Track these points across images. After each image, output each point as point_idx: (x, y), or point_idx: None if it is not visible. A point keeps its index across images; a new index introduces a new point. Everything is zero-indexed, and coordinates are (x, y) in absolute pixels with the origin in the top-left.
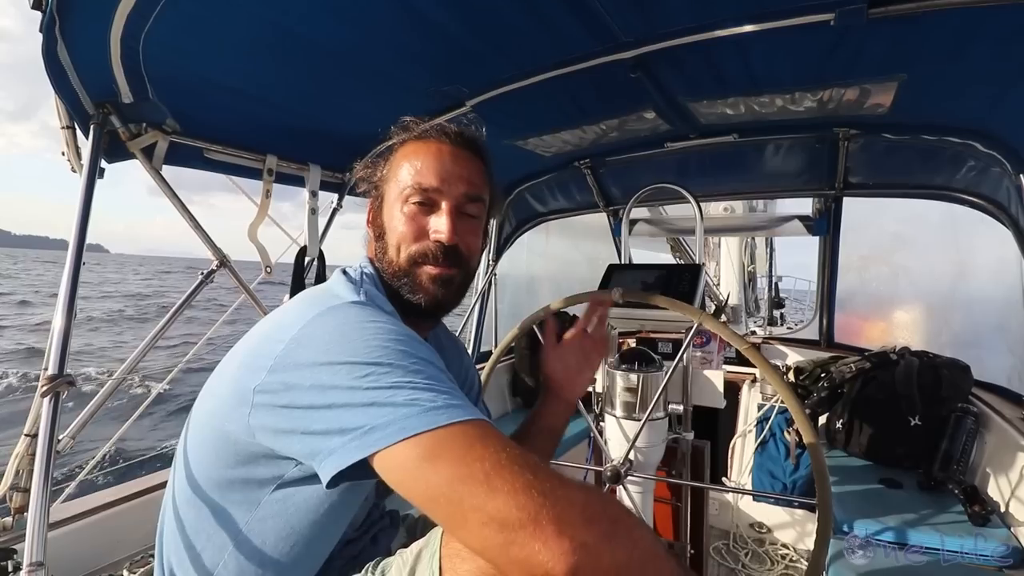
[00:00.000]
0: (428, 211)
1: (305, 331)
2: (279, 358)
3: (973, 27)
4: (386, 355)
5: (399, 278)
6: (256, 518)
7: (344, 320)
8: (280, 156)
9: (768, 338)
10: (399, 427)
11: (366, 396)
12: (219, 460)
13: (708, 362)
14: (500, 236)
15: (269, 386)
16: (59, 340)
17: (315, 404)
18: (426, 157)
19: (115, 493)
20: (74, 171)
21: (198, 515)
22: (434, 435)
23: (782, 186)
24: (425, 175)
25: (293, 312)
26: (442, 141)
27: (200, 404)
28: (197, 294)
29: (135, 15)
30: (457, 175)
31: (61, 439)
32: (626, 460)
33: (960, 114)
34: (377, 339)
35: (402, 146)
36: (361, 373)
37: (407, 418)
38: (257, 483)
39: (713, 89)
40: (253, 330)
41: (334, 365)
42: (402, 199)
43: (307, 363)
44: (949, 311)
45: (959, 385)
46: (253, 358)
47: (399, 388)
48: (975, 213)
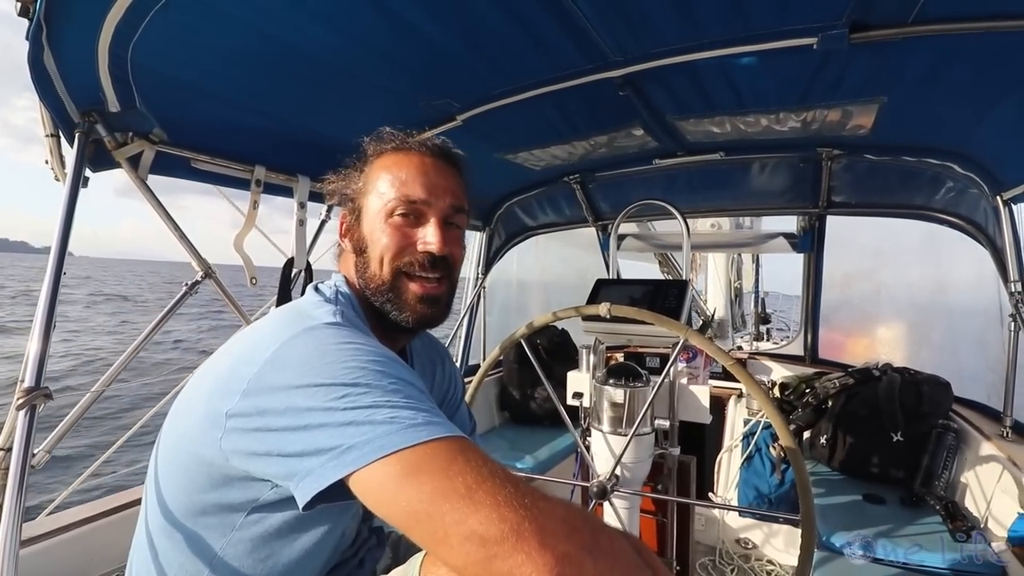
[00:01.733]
0: (415, 223)
1: (279, 353)
2: (252, 381)
3: (950, 53)
4: (363, 376)
5: (383, 294)
6: (231, 543)
7: (320, 342)
8: (268, 167)
9: (754, 353)
10: (378, 445)
11: (343, 416)
12: (192, 484)
13: (695, 377)
14: (489, 249)
15: (242, 410)
16: (37, 351)
17: (290, 426)
18: (410, 169)
19: (90, 510)
20: (57, 179)
21: (171, 541)
22: (414, 451)
23: (767, 204)
24: (411, 187)
25: (267, 333)
26: (424, 154)
27: (171, 425)
28: (180, 306)
29: (124, 25)
30: (443, 187)
31: (36, 453)
32: (612, 476)
33: (939, 136)
34: (355, 360)
35: (380, 157)
36: (338, 394)
37: (386, 435)
38: (232, 507)
39: (700, 108)
40: (225, 348)
41: (309, 388)
42: (387, 211)
43: (281, 386)
44: (930, 328)
45: (940, 401)
46: (226, 381)
47: (378, 407)
48: (955, 232)
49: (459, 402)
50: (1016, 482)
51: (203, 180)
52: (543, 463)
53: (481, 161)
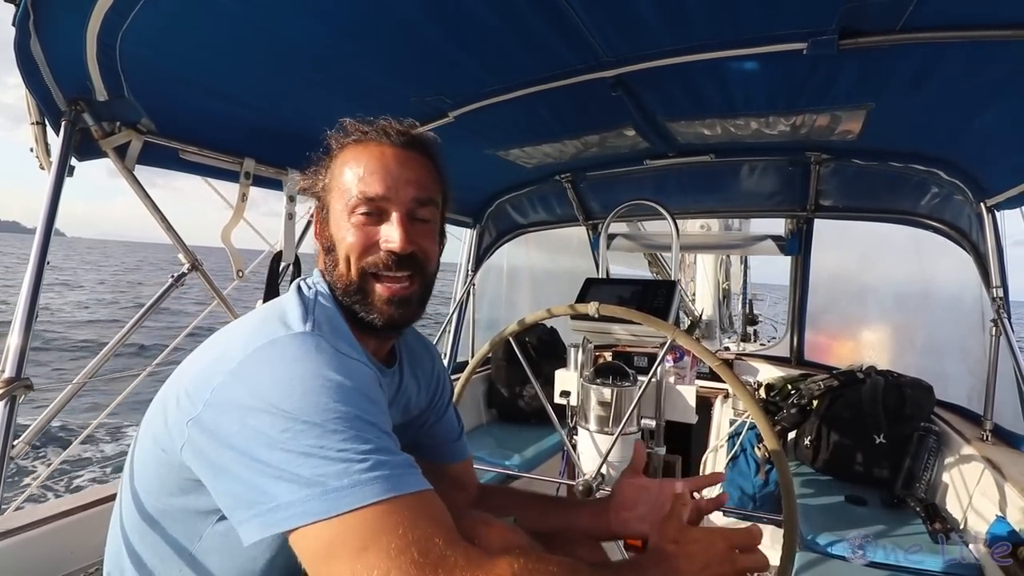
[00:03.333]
0: (377, 220)
1: (243, 366)
2: (215, 391)
3: (937, 60)
4: (306, 409)
5: (351, 295)
6: (199, 551)
7: (280, 359)
8: (258, 159)
9: (741, 354)
10: (300, 511)
11: (279, 460)
12: (162, 487)
13: (682, 377)
14: (480, 246)
15: (201, 422)
16: (18, 341)
17: (232, 464)
18: (368, 162)
19: (69, 503)
20: (42, 168)
21: (142, 543)
22: (330, 525)
23: (756, 206)
24: (369, 183)
25: (240, 338)
26: (383, 143)
27: (146, 423)
28: (165, 298)
29: (112, 13)
30: (404, 179)
31: (16, 444)
32: (598, 474)
33: (925, 143)
34: (303, 385)
35: (342, 151)
36: (281, 427)
37: (307, 501)
38: (198, 514)
39: (691, 110)
40: (203, 348)
41: (259, 412)
42: (348, 209)
43: (237, 404)
44: (914, 332)
45: (922, 404)
46: (196, 385)
47: (309, 456)
48: (939, 238)
49: (447, 404)
50: (995, 485)
51: (192, 172)
52: (529, 461)
53: (473, 158)
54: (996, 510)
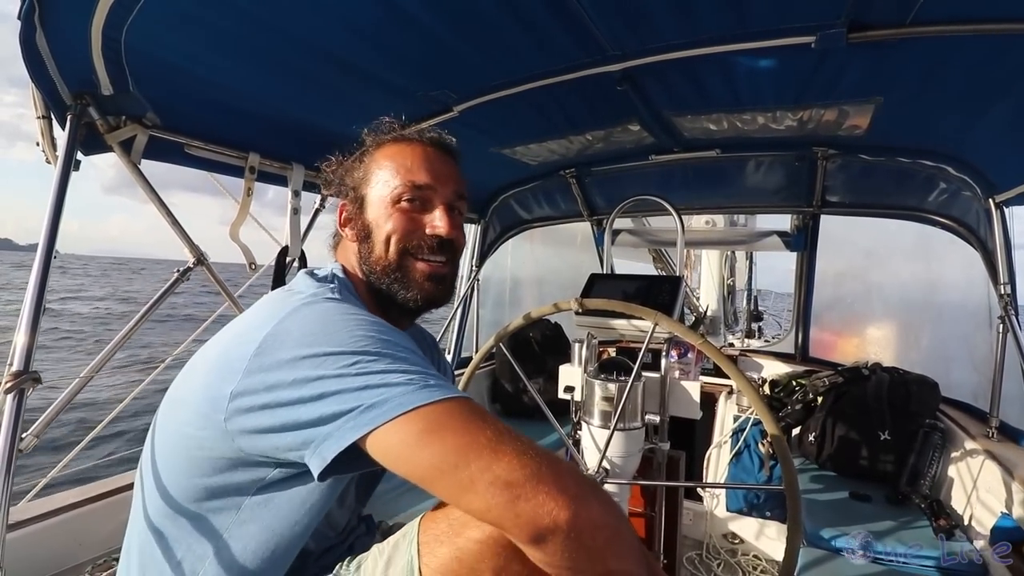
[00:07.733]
0: (421, 209)
1: (281, 326)
2: (253, 359)
3: (947, 55)
4: (371, 344)
5: (389, 274)
6: (238, 522)
7: (323, 313)
8: (263, 154)
9: (745, 350)
10: (397, 403)
11: (357, 381)
12: (194, 470)
13: (686, 373)
14: (484, 242)
15: (247, 388)
16: (26, 335)
17: (303, 397)
18: (415, 157)
19: (79, 494)
20: (48, 162)
21: (175, 526)
22: (433, 408)
23: (762, 202)
24: (417, 174)
25: (263, 314)
26: (425, 144)
27: (167, 413)
28: (170, 293)
29: (118, 6)
30: (446, 175)
31: (24, 437)
32: (601, 469)
33: (933, 138)
34: (361, 329)
35: (381, 147)
36: (349, 362)
37: (405, 394)
38: (237, 488)
39: (697, 104)
40: (220, 334)
41: (317, 357)
42: (393, 198)
43: (287, 359)
44: (920, 329)
45: (927, 401)
46: (225, 362)
47: (390, 372)
48: (947, 234)
49: None
50: (1000, 481)
51: (196, 166)
52: None
53: (477, 153)
54: (1001, 507)
